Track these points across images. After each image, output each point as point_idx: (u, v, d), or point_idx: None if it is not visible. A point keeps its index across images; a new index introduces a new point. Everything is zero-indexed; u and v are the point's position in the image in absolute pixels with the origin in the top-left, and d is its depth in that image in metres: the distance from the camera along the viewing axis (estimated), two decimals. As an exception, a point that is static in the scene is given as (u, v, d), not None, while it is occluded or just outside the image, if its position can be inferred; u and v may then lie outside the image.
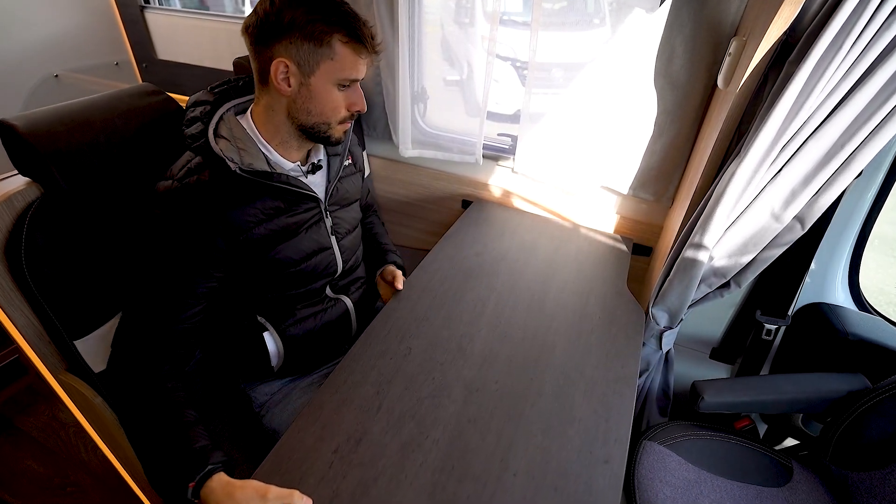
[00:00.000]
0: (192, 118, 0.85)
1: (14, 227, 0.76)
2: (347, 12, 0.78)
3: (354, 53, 0.79)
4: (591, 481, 0.74)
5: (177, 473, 0.73)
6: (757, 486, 1.03)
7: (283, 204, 0.88)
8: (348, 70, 0.80)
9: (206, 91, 0.90)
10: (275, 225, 0.87)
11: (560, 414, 0.84)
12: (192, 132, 0.83)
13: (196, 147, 0.82)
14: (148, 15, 2.01)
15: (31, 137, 0.74)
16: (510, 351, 0.96)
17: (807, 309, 1.26)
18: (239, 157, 0.82)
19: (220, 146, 0.81)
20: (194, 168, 0.80)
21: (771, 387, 1.10)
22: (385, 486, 0.71)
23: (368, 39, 0.79)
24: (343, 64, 0.79)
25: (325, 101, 0.82)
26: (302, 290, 0.97)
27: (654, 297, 1.14)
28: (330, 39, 0.76)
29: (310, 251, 0.94)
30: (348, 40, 0.77)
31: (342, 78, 0.80)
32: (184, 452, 0.74)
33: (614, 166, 1.32)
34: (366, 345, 0.94)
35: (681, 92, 1.13)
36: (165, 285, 0.81)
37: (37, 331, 0.84)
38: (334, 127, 0.86)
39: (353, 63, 0.80)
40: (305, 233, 0.93)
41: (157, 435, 0.77)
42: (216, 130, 0.84)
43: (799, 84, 0.76)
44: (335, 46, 0.77)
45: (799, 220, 0.92)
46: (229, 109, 0.88)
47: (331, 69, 0.79)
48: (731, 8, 1.01)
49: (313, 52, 0.77)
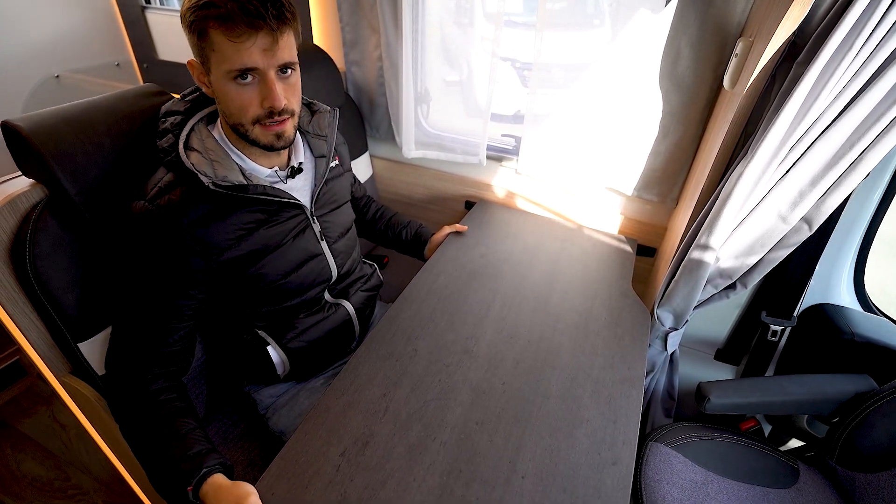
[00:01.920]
0: (164, 130, 0.80)
1: (18, 230, 0.76)
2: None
3: (230, 40, 0.66)
4: (599, 483, 0.74)
5: (175, 479, 0.72)
6: (764, 488, 1.02)
7: (263, 215, 0.83)
8: (230, 61, 0.68)
9: (178, 99, 0.85)
10: (256, 239, 0.83)
11: (567, 416, 0.84)
12: (163, 145, 0.78)
13: (168, 162, 0.77)
14: (149, 15, 2.01)
15: (35, 139, 0.73)
16: (516, 353, 0.95)
17: (812, 310, 1.26)
18: (213, 171, 0.76)
19: (193, 160, 0.76)
20: (165, 188, 0.75)
21: (777, 388, 1.10)
22: (393, 489, 0.70)
23: (241, 15, 0.65)
24: (223, 55, 0.68)
25: (227, 99, 0.73)
26: (297, 300, 0.94)
27: (659, 298, 1.14)
28: (205, 28, 0.67)
29: (299, 261, 0.91)
30: (218, 23, 0.66)
31: (228, 70, 0.69)
32: (181, 459, 0.73)
33: (618, 167, 1.32)
34: (371, 347, 0.94)
35: (686, 93, 1.13)
36: (148, 308, 0.79)
37: (41, 333, 0.83)
38: (250, 129, 0.76)
39: (234, 52, 0.67)
40: (292, 242, 0.88)
41: (154, 445, 0.76)
42: (188, 142, 0.79)
43: (808, 85, 0.76)
44: (211, 36, 0.67)
45: (806, 221, 0.92)
46: (201, 119, 0.83)
47: (217, 62, 0.69)
48: (736, 9, 1.00)
49: (200, 47, 0.69)
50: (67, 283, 0.79)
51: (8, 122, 0.74)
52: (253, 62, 0.69)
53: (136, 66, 2.16)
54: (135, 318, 0.80)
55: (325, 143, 0.96)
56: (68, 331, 0.81)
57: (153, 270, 0.77)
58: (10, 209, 0.75)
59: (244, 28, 0.66)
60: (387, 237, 1.30)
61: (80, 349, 0.83)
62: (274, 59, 0.70)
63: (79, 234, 0.80)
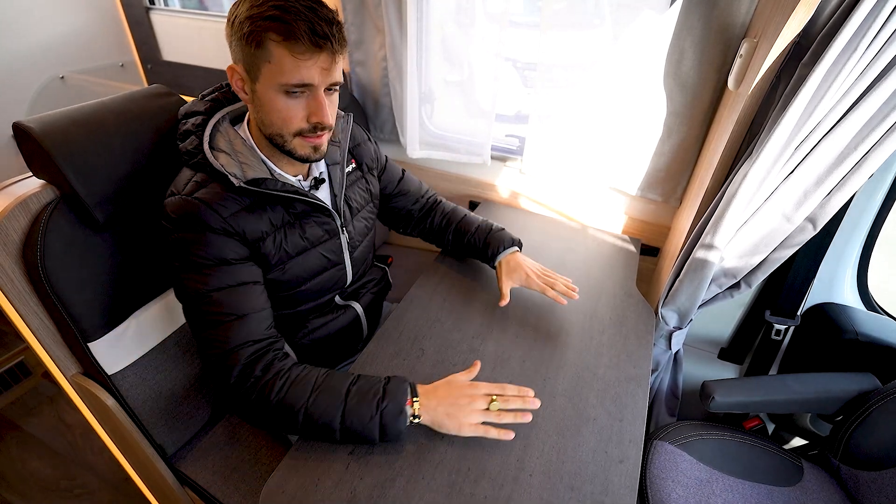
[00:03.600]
0: (186, 131, 0.80)
1: (30, 230, 0.76)
2: (284, 5, 0.66)
3: (292, 55, 0.67)
4: (606, 481, 0.74)
5: (387, 416, 0.72)
6: (768, 486, 1.03)
7: (290, 217, 0.84)
8: (288, 74, 0.68)
9: (197, 100, 0.84)
10: (285, 240, 0.83)
11: (574, 414, 0.84)
12: (187, 148, 0.78)
13: (194, 164, 0.77)
14: (153, 16, 2.01)
15: (46, 140, 0.74)
16: (522, 351, 0.96)
17: (815, 309, 1.26)
18: (242, 173, 0.77)
19: (222, 161, 0.76)
20: (202, 182, 0.76)
21: (782, 387, 1.10)
22: (403, 487, 0.71)
23: (309, 35, 0.66)
24: (281, 67, 0.68)
25: (272, 110, 0.73)
26: (310, 305, 0.95)
27: (663, 297, 1.15)
28: (264, 39, 0.67)
29: (318, 269, 0.91)
30: (281, 39, 0.66)
31: (283, 83, 0.69)
32: (374, 397, 0.73)
33: (622, 167, 1.33)
34: (378, 346, 0.94)
35: (690, 93, 1.14)
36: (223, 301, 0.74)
37: (51, 333, 0.84)
38: (289, 140, 0.76)
39: (293, 66, 0.68)
40: (314, 249, 0.88)
41: (335, 410, 0.73)
42: (213, 142, 0.78)
43: (813, 86, 0.77)
44: (270, 48, 0.67)
45: (811, 221, 0.92)
46: (224, 118, 0.83)
47: (270, 74, 0.69)
48: (741, 10, 1.01)
49: (253, 56, 0.69)
50: (78, 283, 0.79)
51: (19, 123, 0.74)
52: (311, 79, 0.70)
53: (140, 66, 2.16)
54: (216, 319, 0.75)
55: (337, 150, 0.94)
56: (78, 331, 0.81)
57: (208, 261, 0.74)
58: (22, 210, 0.76)
59: (309, 46, 0.67)
60: (459, 249, 1.16)
61: (90, 349, 0.84)
62: (328, 78, 0.72)
63: (89, 234, 0.81)
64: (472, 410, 0.76)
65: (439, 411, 0.76)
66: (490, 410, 0.77)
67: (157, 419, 0.98)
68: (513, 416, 0.77)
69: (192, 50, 2.02)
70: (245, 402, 0.74)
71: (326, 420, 0.72)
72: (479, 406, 0.77)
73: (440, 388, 0.79)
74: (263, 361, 0.75)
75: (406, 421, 0.74)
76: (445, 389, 0.78)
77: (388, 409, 0.73)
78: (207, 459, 1.04)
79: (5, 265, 0.75)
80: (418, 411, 0.75)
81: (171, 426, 1.01)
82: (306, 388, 0.74)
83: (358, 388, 0.75)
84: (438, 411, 0.76)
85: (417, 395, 0.76)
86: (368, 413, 0.72)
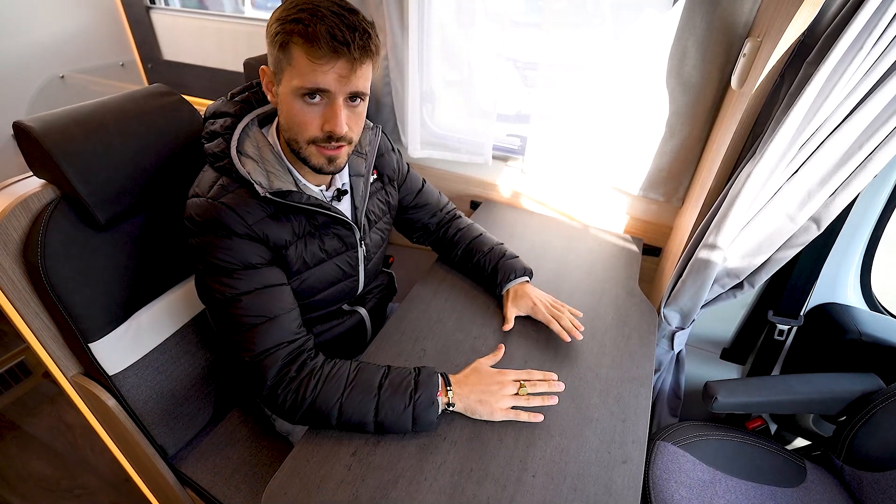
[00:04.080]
0: (213, 132, 0.79)
1: (30, 230, 0.76)
2: (310, 9, 0.66)
3: (310, 59, 0.66)
4: (609, 482, 0.74)
5: (420, 407, 0.75)
6: (772, 487, 1.03)
7: (311, 227, 0.83)
8: (303, 78, 0.68)
9: (226, 100, 0.82)
10: (305, 249, 0.83)
11: (577, 414, 0.84)
12: (213, 150, 0.77)
13: (220, 167, 0.76)
14: (153, 15, 2.01)
15: (47, 139, 0.73)
16: (524, 352, 0.95)
17: (818, 309, 1.26)
18: (268, 182, 0.76)
19: (248, 168, 0.75)
20: (227, 185, 0.75)
21: (785, 387, 1.10)
22: (405, 489, 0.70)
23: (327, 39, 0.65)
24: (299, 70, 0.68)
25: (290, 114, 0.72)
26: (320, 312, 0.95)
27: (665, 297, 1.14)
28: (288, 42, 0.67)
29: (332, 280, 0.90)
30: (302, 42, 0.66)
31: (299, 87, 0.68)
32: (406, 389, 0.76)
33: (624, 167, 1.32)
34: (380, 347, 0.94)
35: (693, 93, 1.13)
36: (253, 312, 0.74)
37: (52, 333, 0.84)
38: (304, 147, 0.75)
39: (310, 70, 0.67)
40: (333, 260, 0.88)
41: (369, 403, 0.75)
42: (241, 146, 0.77)
43: (818, 85, 0.76)
44: (292, 51, 0.67)
45: (815, 221, 0.92)
46: (252, 122, 0.81)
47: (290, 77, 0.69)
48: (744, 8, 1.00)
49: (278, 58, 0.69)
50: (79, 283, 0.79)
51: (20, 122, 0.74)
52: (326, 84, 0.68)
53: (140, 66, 2.16)
54: (247, 323, 0.74)
55: (363, 161, 0.92)
56: (79, 331, 0.81)
57: (234, 265, 0.74)
58: (22, 209, 0.76)
59: (326, 51, 0.66)
60: (466, 269, 1.14)
61: (90, 349, 0.83)
62: (347, 86, 0.70)
63: (90, 234, 0.81)
64: (503, 396, 0.80)
65: (471, 398, 0.79)
66: (520, 395, 0.81)
67: (158, 420, 0.97)
68: (541, 399, 0.82)
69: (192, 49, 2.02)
70: (281, 403, 0.75)
71: (360, 415, 0.74)
72: (509, 392, 0.81)
73: (471, 376, 0.83)
74: (298, 362, 0.77)
75: (438, 411, 0.76)
76: (476, 377, 0.82)
77: (420, 400, 0.75)
78: (208, 460, 1.04)
79: (6, 265, 0.75)
80: (453, 399, 0.78)
81: (172, 427, 1.01)
82: (339, 384, 0.76)
83: (390, 381, 0.77)
84: (471, 398, 0.79)
85: (450, 383, 0.80)
86: (402, 405, 0.75)
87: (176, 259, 0.95)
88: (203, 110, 0.85)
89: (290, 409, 0.75)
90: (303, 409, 0.74)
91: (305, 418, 0.76)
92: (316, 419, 0.76)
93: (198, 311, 1.02)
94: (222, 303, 0.74)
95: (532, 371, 0.86)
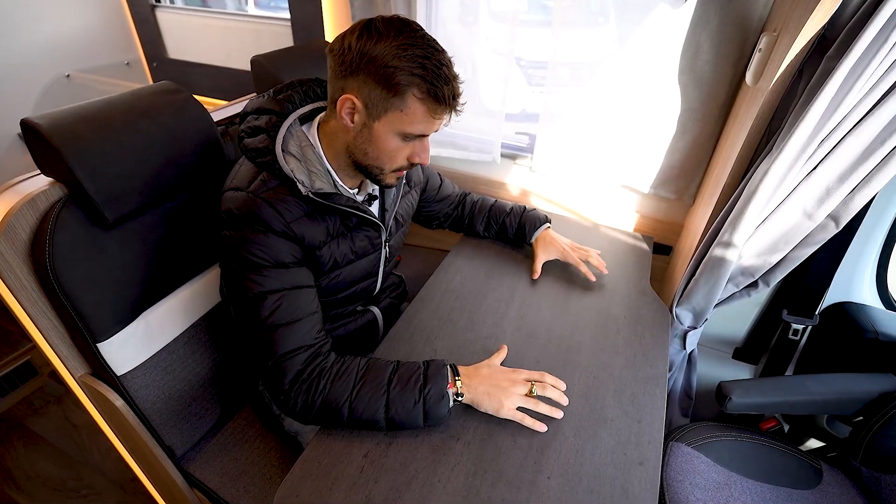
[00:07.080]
0: (256, 127, 0.79)
1: (38, 228, 0.75)
2: (432, 67, 0.69)
3: (428, 112, 0.72)
4: (626, 484, 0.72)
5: (430, 400, 0.75)
6: (787, 489, 1.01)
7: (344, 228, 0.85)
8: (417, 126, 0.73)
9: (270, 97, 0.83)
10: (337, 249, 0.85)
11: (591, 415, 0.82)
12: (256, 145, 0.77)
13: (261, 163, 0.77)
14: (159, 14, 2.00)
15: (54, 137, 0.73)
16: (536, 351, 0.94)
17: (834, 308, 1.24)
18: (309, 181, 0.79)
19: (292, 166, 0.77)
20: (267, 181, 0.76)
21: (801, 387, 1.08)
22: (418, 490, 0.69)
23: (448, 100, 0.71)
24: (413, 118, 0.72)
25: (383, 148, 0.76)
26: (337, 311, 0.97)
27: (678, 296, 1.13)
28: (405, 92, 0.70)
29: (357, 279, 0.92)
30: (424, 97, 0.70)
31: (408, 132, 0.74)
32: (416, 382, 0.76)
33: (634, 165, 1.31)
34: (391, 347, 0.93)
35: (706, 89, 1.12)
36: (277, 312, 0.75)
37: (59, 333, 0.83)
38: (387, 174, 0.80)
39: (425, 120, 0.73)
40: (360, 261, 0.90)
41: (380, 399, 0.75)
42: (284, 144, 0.79)
43: (839, 79, 0.74)
44: (408, 100, 0.70)
45: (833, 219, 0.90)
46: (296, 121, 0.83)
47: (398, 120, 0.73)
48: (759, 2, 0.99)
49: (384, 99, 0.71)
50: (87, 282, 0.78)
51: (27, 120, 0.73)
52: (432, 131, 0.77)
53: (145, 64, 2.16)
54: (270, 323, 0.75)
55: None
56: (87, 331, 0.80)
57: (265, 262, 0.74)
58: (30, 208, 0.75)
59: (444, 109, 0.73)
60: (493, 232, 1.24)
61: (98, 349, 0.82)
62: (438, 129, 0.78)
63: (98, 233, 0.80)
64: (512, 394, 0.79)
65: (480, 390, 0.79)
66: (529, 397, 0.80)
67: (166, 420, 0.96)
68: (547, 408, 0.80)
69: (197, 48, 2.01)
70: (293, 405, 0.75)
71: (371, 412, 0.74)
72: (519, 391, 0.80)
73: (482, 369, 0.83)
74: (313, 364, 0.76)
75: (448, 404, 0.76)
76: (488, 370, 0.83)
77: (430, 394, 0.75)
78: (217, 461, 1.03)
79: (13, 264, 0.74)
80: (461, 389, 0.78)
81: (181, 427, 1.00)
82: (348, 382, 0.75)
83: (398, 376, 0.77)
84: (479, 390, 0.79)
85: (459, 374, 0.80)
86: (412, 400, 0.74)
87: (185, 258, 0.94)
88: (211, 108, 0.84)
89: (301, 410, 0.75)
90: (314, 409, 0.74)
91: (317, 418, 0.76)
92: (327, 418, 0.75)
93: (207, 310, 1.01)
94: (248, 300, 0.75)
95: (545, 373, 0.85)
